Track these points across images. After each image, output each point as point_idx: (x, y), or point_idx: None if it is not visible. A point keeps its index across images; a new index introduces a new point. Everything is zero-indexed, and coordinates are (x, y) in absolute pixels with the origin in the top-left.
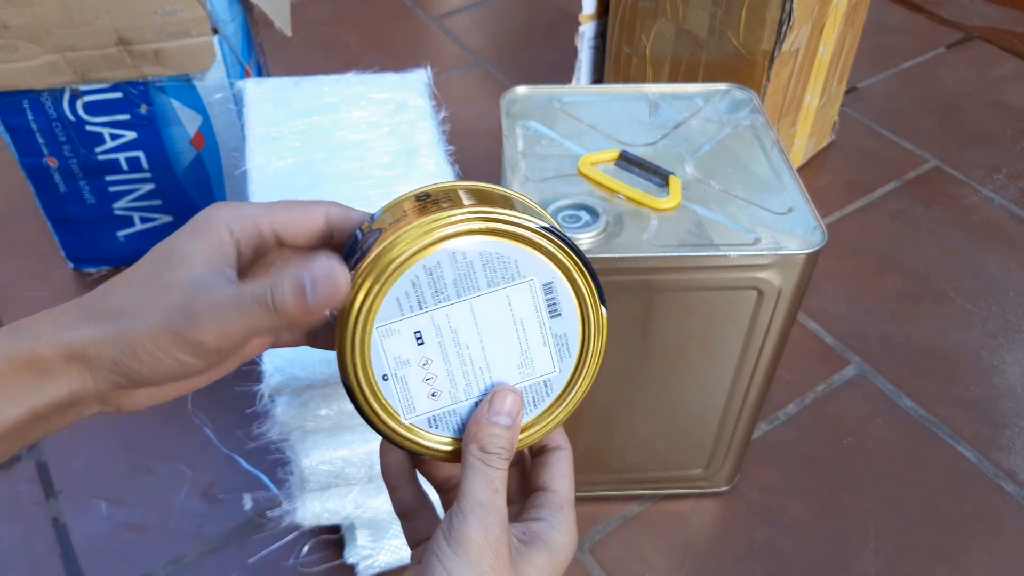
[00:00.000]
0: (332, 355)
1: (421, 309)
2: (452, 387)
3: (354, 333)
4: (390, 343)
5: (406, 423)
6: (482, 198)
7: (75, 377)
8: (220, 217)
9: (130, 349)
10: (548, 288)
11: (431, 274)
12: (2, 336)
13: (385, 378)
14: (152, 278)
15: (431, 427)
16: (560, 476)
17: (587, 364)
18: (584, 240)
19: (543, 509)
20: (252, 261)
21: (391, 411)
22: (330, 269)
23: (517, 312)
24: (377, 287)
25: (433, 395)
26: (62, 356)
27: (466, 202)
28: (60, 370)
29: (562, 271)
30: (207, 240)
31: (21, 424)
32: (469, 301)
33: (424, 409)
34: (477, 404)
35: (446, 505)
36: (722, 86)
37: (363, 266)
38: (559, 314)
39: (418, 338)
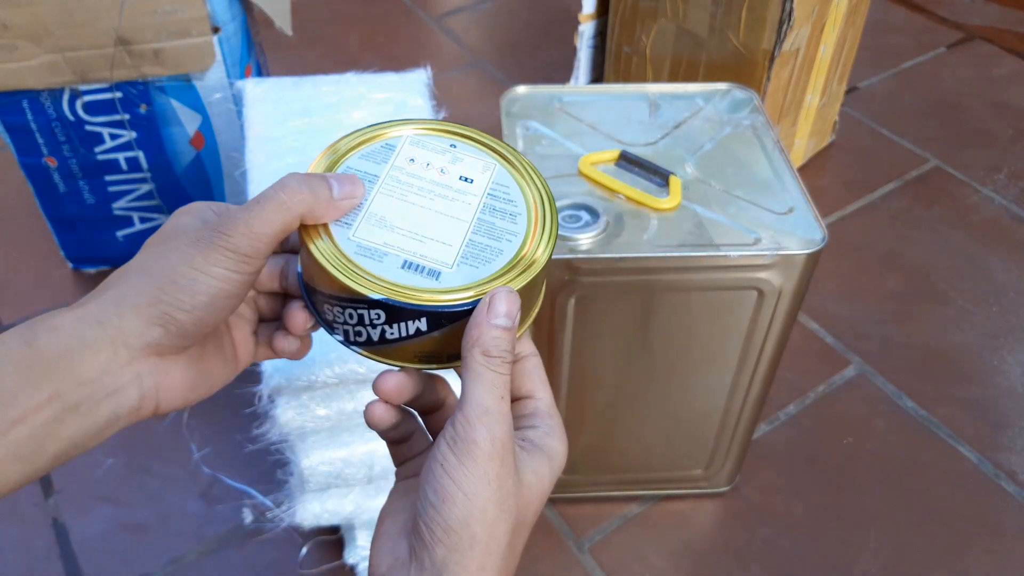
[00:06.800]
0: (331, 357)
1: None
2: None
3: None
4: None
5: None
6: None
7: (105, 348)
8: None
9: (169, 274)
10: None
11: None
12: (15, 331)
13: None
14: (159, 242)
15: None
16: (541, 382)
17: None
18: (584, 240)
19: (534, 417)
20: None
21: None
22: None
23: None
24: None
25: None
26: (90, 323)
27: None
28: (89, 341)
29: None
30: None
31: (48, 420)
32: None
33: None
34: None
35: (430, 427)
36: (722, 86)
37: None
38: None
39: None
